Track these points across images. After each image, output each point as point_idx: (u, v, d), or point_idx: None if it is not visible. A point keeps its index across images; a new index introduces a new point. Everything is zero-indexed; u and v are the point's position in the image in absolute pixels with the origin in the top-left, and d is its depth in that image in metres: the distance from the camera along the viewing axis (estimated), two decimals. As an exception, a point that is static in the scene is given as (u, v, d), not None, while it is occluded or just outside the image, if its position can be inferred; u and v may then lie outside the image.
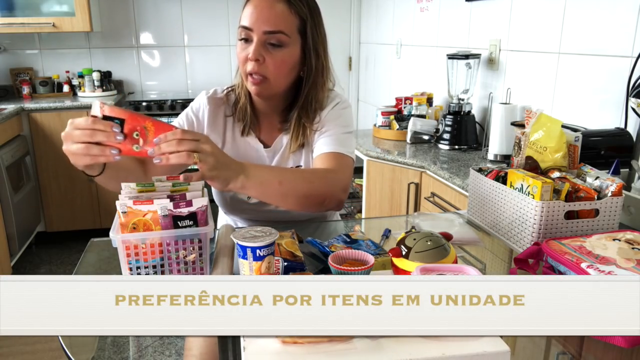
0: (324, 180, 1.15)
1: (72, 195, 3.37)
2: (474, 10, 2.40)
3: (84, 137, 0.88)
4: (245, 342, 0.67)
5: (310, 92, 1.23)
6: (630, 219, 1.20)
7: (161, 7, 3.78)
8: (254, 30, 1.13)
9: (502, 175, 1.18)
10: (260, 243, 0.80)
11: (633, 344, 0.75)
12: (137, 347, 0.84)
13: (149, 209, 0.88)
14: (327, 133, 1.24)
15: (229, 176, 0.97)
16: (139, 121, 0.89)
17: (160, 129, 0.89)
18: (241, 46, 1.17)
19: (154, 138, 0.89)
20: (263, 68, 1.15)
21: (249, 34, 1.14)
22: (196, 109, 1.29)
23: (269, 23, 1.13)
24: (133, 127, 0.89)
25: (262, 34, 1.13)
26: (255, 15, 1.13)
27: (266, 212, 1.29)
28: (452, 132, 2.24)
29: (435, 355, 0.65)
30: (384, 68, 3.53)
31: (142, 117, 0.89)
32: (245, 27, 1.14)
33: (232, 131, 1.29)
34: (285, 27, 1.14)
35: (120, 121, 0.88)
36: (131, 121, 0.89)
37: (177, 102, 3.40)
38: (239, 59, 1.18)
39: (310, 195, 1.12)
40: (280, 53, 1.15)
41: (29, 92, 3.52)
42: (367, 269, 0.83)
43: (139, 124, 0.89)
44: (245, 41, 1.16)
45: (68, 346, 0.81)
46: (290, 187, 1.09)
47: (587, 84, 1.76)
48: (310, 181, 1.13)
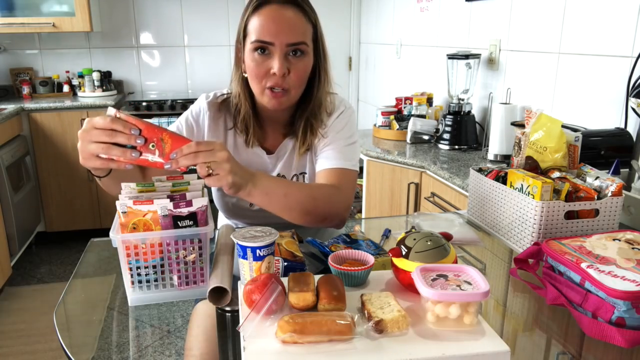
0: (327, 198, 1.14)
1: (72, 195, 3.37)
2: (474, 10, 2.40)
3: (103, 137, 0.86)
4: (245, 342, 0.67)
5: (320, 95, 1.21)
6: (630, 219, 1.20)
7: (161, 7, 3.78)
8: (275, 45, 1.08)
9: (502, 175, 1.18)
10: (260, 243, 0.80)
11: (633, 344, 0.75)
12: (137, 347, 0.84)
13: (149, 209, 0.88)
14: (331, 146, 1.21)
15: (239, 183, 0.97)
16: (156, 132, 0.87)
17: (176, 142, 0.88)
18: (258, 60, 1.10)
19: (170, 151, 0.88)
20: (287, 81, 1.11)
21: (269, 48, 1.09)
22: (196, 114, 1.26)
23: (292, 35, 1.08)
24: (150, 138, 0.87)
25: (286, 46, 1.08)
26: (275, 28, 1.08)
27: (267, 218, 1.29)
28: (452, 132, 2.24)
29: (435, 355, 0.65)
30: (384, 68, 3.53)
31: (159, 129, 0.88)
32: (263, 41, 1.08)
33: (234, 140, 1.26)
34: (305, 37, 1.11)
35: (135, 130, 0.87)
36: (147, 132, 0.87)
37: (177, 102, 3.40)
38: (256, 73, 1.12)
39: (313, 212, 1.11)
40: (301, 63, 1.12)
41: (29, 92, 3.52)
42: (367, 269, 0.83)
43: (156, 136, 0.87)
44: (261, 54, 1.10)
45: (68, 346, 0.81)
46: (294, 201, 1.08)
47: (587, 84, 1.76)
48: (314, 198, 1.12)
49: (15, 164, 2.98)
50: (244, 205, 1.27)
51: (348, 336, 0.67)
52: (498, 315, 0.90)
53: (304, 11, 1.11)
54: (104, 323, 0.89)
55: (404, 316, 0.70)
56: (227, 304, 0.82)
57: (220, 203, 1.32)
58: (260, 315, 0.71)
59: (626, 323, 0.76)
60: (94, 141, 0.86)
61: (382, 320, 0.69)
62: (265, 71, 1.10)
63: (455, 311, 0.69)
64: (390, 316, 0.69)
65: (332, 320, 0.67)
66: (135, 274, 0.89)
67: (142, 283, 0.90)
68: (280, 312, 0.74)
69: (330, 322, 0.67)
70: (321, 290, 0.75)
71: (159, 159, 0.88)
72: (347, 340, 0.67)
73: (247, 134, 1.24)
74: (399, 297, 0.77)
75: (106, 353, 0.82)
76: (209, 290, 0.82)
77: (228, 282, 0.84)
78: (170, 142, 0.88)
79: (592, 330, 0.78)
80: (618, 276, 0.79)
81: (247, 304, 0.74)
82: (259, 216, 1.27)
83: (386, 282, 0.85)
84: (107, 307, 0.95)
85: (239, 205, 1.28)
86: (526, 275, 0.98)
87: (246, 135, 1.24)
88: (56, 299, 0.99)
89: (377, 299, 0.75)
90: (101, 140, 0.86)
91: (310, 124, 1.22)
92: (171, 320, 0.91)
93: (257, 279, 0.76)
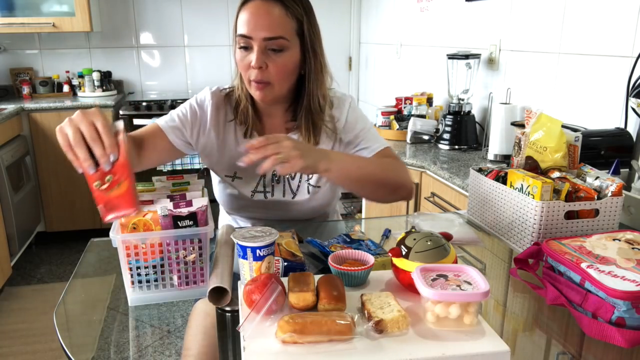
0: (394, 167, 1.21)
1: (72, 195, 3.37)
2: (474, 10, 2.40)
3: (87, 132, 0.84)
4: (245, 342, 0.67)
5: (312, 90, 1.23)
6: (630, 219, 1.20)
7: (161, 7, 3.78)
8: (253, 38, 1.12)
9: (502, 175, 1.18)
10: (260, 243, 0.80)
11: (633, 344, 0.75)
12: (137, 347, 0.84)
13: (149, 209, 0.88)
14: (364, 142, 1.26)
15: (314, 161, 1.02)
16: (123, 173, 0.83)
17: (127, 196, 0.82)
18: (241, 54, 1.16)
19: (114, 193, 0.83)
20: (266, 74, 1.14)
21: (249, 42, 1.13)
22: (201, 101, 1.29)
23: (268, 29, 1.12)
24: (114, 172, 0.84)
25: (262, 40, 1.12)
26: (253, 22, 1.12)
27: (269, 210, 1.30)
28: (452, 132, 2.24)
29: (435, 355, 0.65)
30: (384, 68, 3.53)
31: (128, 173, 0.84)
32: (243, 35, 1.13)
33: (234, 134, 1.28)
34: (284, 32, 1.13)
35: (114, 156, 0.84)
36: (119, 167, 0.84)
37: (177, 102, 3.40)
38: (240, 67, 1.17)
39: (386, 183, 1.18)
40: (281, 58, 1.14)
41: (29, 92, 3.52)
42: (367, 269, 0.83)
43: (121, 176, 0.83)
44: (245, 49, 1.15)
45: (68, 346, 0.81)
46: (367, 172, 1.14)
47: (587, 84, 1.76)
48: (384, 169, 1.18)
49: (15, 164, 2.98)
50: (245, 196, 1.29)
51: (348, 336, 0.67)
52: (498, 315, 0.90)
53: (286, 7, 1.13)
54: (104, 323, 0.89)
55: (404, 316, 0.70)
56: (227, 304, 0.82)
57: (221, 196, 1.34)
58: (260, 315, 0.71)
59: (626, 323, 0.76)
60: (79, 127, 0.85)
61: (382, 320, 0.69)
62: (247, 64, 1.15)
63: (455, 311, 0.69)
64: (390, 316, 0.69)
65: (332, 320, 0.67)
66: (135, 274, 0.89)
67: (142, 283, 0.90)
68: (280, 312, 0.74)
69: (330, 322, 0.67)
70: (321, 290, 0.75)
71: (100, 190, 0.84)
72: (347, 340, 0.67)
73: (246, 125, 1.27)
74: (399, 297, 0.77)
75: (106, 353, 0.82)
76: (208, 290, 0.82)
77: (228, 282, 0.84)
78: (124, 189, 0.83)
79: (592, 330, 0.78)
80: (618, 276, 0.79)
81: (247, 304, 0.74)
82: (259, 207, 1.30)
83: (386, 282, 0.84)
84: (107, 307, 0.95)
85: (241, 196, 1.30)
86: (526, 275, 0.98)
87: (245, 126, 1.27)
88: (56, 299, 0.99)
89: (377, 299, 0.75)
90: (83, 132, 0.84)
91: (312, 120, 1.24)
92: (171, 320, 0.91)
93: (257, 279, 0.76)
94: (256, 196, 1.30)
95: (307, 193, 1.30)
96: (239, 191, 1.30)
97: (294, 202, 1.30)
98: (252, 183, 1.29)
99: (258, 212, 1.32)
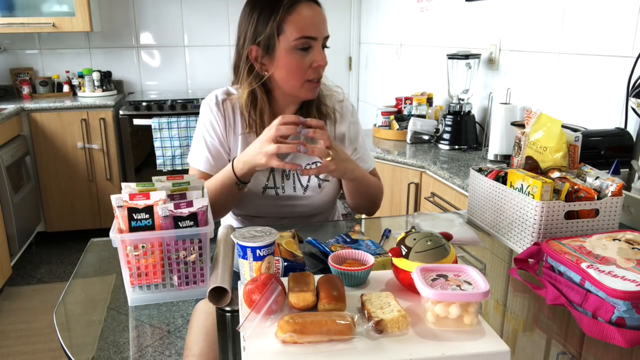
0: (381, 189, 1.37)
1: (72, 195, 3.37)
2: (474, 10, 2.40)
3: (290, 131, 1.06)
4: (245, 342, 0.67)
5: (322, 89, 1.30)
6: (630, 219, 1.20)
7: (161, 7, 3.78)
8: (317, 39, 1.17)
9: (502, 175, 1.18)
10: (260, 243, 0.80)
11: (633, 344, 0.75)
12: (137, 347, 0.84)
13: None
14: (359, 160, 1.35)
15: (347, 168, 1.17)
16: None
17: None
18: (301, 55, 1.17)
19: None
20: (322, 71, 1.22)
21: (310, 42, 1.17)
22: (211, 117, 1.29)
23: (326, 28, 1.19)
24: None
25: (324, 39, 1.19)
26: (315, 23, 1.16)
27: (280, 206, 1.32)
28: (452, 132, 2.24)
29: (435, 355, 0.65)
30: (384, 68, 3.53)
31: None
32: (308, 37, 1.15)
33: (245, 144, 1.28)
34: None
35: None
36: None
37: (177, 102, 3.40)
38: (296, 68, 1.17)
39: (374, 200, 1.35)
40: (325, 53, 1.22)
41: (29, 92, 3.52)
42: (367, 269, 0.83)
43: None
44: (304, 50, 1.17)
45: (68, 346, 0.81)
46: (372, 189, 1.32)
47: (587, 84, 1.76)
48: (378, 189, 1.35)
49: (15, 164, 2.98)
50: (256, 192, 1.31)
51: (348, 336, 0.67)
52: (498, 315, 0.90)
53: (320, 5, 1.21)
54: (104, 323, 0.89)
55: (404, 316, 0.70)
56: (227, 304, 0.82)
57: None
58: (260, 315, 0.71)
59: (626, 323, 0.76)
60: (280, 136, 1.06)
61: (382, 320, 0.69)
62: (308, 64, 1.18)
63: (455, 311, 0.69)
64: (390, 316, 0.69)
65: (332, 320, 0.67)
66: (135, 274, 0.89)
67: (142, 283, 0.90)
68: (280, 312, 0.74)
69: (330, 322, 0.67)
70: (321, 290, 0.75)
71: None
72: (347, 340, 0.67)
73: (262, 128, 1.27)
74: (399, 297, 0.77)
75: (106, 353, 0.82)
76: (209, 290, 0.82)
77: (228, 282, 0.84)
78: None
79: (592, 330, 0.78)
80: (618, 276, 0.79)
81: (247, 304, 0.74)
82: (271, 204, 1.32)
83: (386, 282, 0.85)
84: (107, 307, 0.95)
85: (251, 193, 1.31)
86: (526, 275, 0.98)
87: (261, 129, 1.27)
88: (56, 299, 0.99)
89: (377, 299, 0.75)
90: (285, 134, 1.07)
91: (320, 111, 1.30)
92: (171, 320, 0.91)
93: (257, 279, 0.76)
94: (267, 192, 1.31)
95: (318, 188, 1.33)
96: (249, 189, 1.30)
97: (305, 197, 1.32)
98: (263, 179, 1.30)
99: (261, 207, 1.32)
